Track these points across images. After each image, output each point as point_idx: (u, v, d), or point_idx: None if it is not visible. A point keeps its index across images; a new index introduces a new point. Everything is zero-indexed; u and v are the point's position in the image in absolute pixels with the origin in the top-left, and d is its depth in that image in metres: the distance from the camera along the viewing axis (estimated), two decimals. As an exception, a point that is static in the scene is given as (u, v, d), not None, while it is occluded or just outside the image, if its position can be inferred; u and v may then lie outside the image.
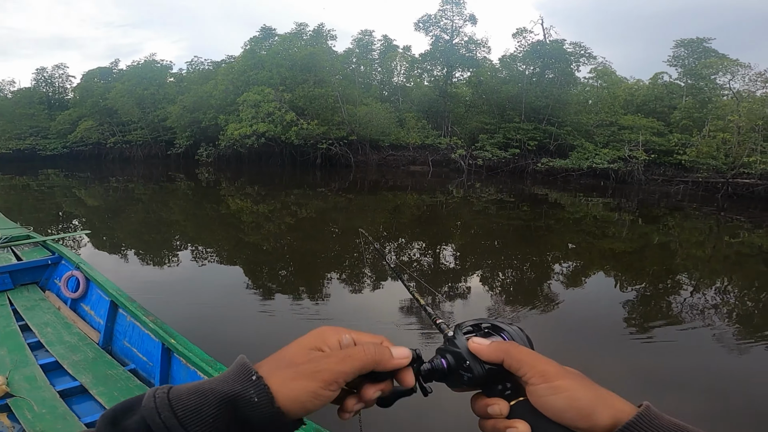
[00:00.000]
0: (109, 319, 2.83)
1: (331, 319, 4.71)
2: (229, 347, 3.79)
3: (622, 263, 7.69)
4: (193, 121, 24.42)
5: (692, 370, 3.81)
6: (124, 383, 2.31)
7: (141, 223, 9.86)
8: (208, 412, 0.37)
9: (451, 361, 0.45)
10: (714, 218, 12.66)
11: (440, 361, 0.46)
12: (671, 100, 21.94)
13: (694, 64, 20.69)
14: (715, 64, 19.46)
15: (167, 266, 6.48)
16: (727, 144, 16.66)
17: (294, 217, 10.78)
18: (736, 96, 18.38)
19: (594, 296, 5.87)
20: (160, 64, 28.45)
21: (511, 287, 6.19)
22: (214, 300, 5.14)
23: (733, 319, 5.10)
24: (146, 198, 14.28)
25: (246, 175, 20.24)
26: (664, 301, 5.73)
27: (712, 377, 3.73)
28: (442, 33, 23.73)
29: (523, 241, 9.21)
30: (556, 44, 21.46)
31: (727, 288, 6.61)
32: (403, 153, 23.10)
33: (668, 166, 19.07)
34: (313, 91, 21.29)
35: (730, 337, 4.55)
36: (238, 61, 25.04)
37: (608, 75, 24.24)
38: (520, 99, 21.55)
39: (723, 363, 4.01)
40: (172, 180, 19.17)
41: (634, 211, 13.33)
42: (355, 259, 7.28)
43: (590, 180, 19.43)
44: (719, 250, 9.18)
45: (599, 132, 21.00)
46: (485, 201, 14.37)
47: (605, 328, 4.74)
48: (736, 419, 3.13)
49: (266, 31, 25.30)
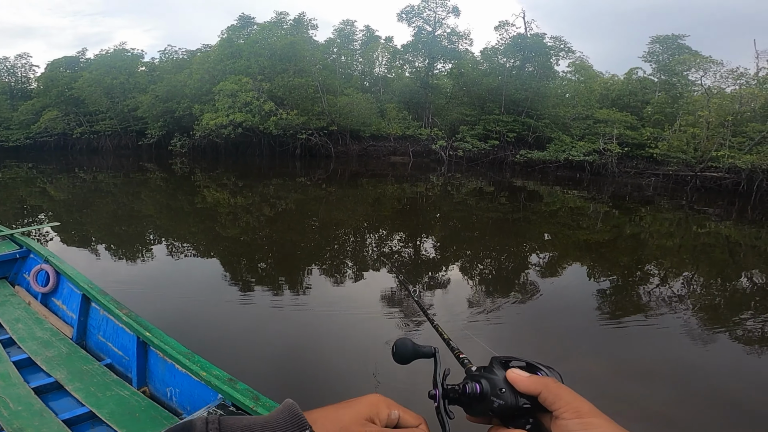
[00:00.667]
0: (81, 314, 2.77)
1: (310, 310, 4.71)
2: (207, 340, 3.75)
3: (596, 254, 7.98)
4: (166, 111, 23.61)
5: (658, 358, 4.01)
6: (101, 378, 2.28)
7: (111, 216, 9.53)
8: None
9: (486, 386, 0.47)
10: (683, 211, 13.26)
11: (474, 385, 0.47)
12: (644, 95, 22.68)
13: (668, 60, 21.38)
14: (687, 61, 20.17)
15: (140, 260, 6.31)
16: (696, 138, 17.39)
17: (273, 208, 10.65)
18: (706, 92, 19.14)
19: (569, 286, 6.08)
20: (130, 53, 27.30)
21: (491, 278, 6.34)
22: (190, 293, 5.05)
23: (699, 308, 5.39)
24: (116, 190, 13.78)
25: (222, 165, 19.78)
26: (634, 290, 5.99)
27: (678, 364, 3.94)
28: (425, 24, 23.70)
29: (501, 232, 9.42)
30: (536, 38, 21.76)
31: (694, 277, 6.96)
32: (384, 144, 23.06)
33: (640, 159, 19.78)
34: (293, 80, 20.91)
35: (696, 326, 4.81)
36: (215, 50, 24.31)
37: (585, 69, 24.81)
38: (500, 91, 21.81)
39: (688, 350, 4.24)
40: (143, 171, 18.55)
41: (608, 203, 13.81)
42: (335, 251, 7.28)
43: (567, 172, 19.98)
44: (687, 240, 9.64)
45: (576, 125, 21.54)
46: (465, 192, 14.57)
47: (579, 316, 4.93)
48: (698, 405, 3.33)
49: (245, 19, 24.60)
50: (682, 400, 3.33)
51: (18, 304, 3.11)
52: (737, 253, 8.63)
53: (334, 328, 4.31)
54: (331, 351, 3.83)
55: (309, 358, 3.70)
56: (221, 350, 3.60)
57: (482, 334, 4.23)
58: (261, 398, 1.84)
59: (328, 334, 4.18)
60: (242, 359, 3.53)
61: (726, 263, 7.79)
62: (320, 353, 3.79)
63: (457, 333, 4.03)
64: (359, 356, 3.72)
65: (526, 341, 4.24)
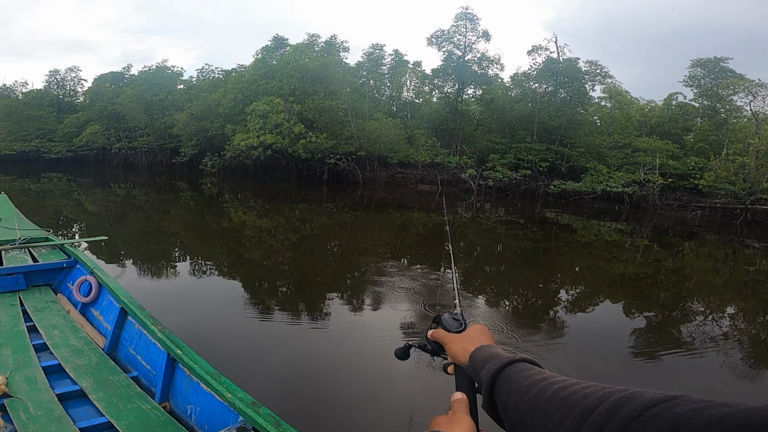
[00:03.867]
0: (117, 326, 2.89)
1: (329, 329, 4.66)
2: (228, 357, 3.76)
3: (634, 289, 7.58)
4: (200, 130, 24.82)
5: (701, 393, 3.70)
6: (125, 390, 2.34)
7: (141, 232, 9.94)
8: None
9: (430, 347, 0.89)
10: (731, 246, 12.50)
11: (428, 347, 0.89)
12: (685, 122, 22.04)
13: (710, 84, 20.77)
14: (734, 85, 19.49)
15: (164, 276, 6.49)
16: (745, 168, 16.60)
17: (298, 233, 10.81)
18: (756, 118, 18.36)
19: (604, 322, 5.77)
20: (171, 70, 29.10)
21: (520, 310, 6.11)
22: (212, 311, 5.11)
23: (744, 347, 4.99)
24: (148, 206, 14.43)
25: (250, 187, 20.40)
26: (673, 326, 5.62)
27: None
28: (455, 49, 24.21)
29: (529, 265, 9.14)
30: (569, 62, 21.75)
31: (739, 315, 6.47)
32: (411, 171, 23.21)
33: (684, 191, 19.01)
34: (323, 102, 21.59)
35: (740, 363, 4.44)
36: (249, 69, 25.55)
37: (621, 95, 24.46)
38: (532, 118, 21.74)
39: (732, 389, 3.91)
40: (174, 189, 19.39)
41: (650, 237, 13.22)
42: (357, 277, 7.26)
43: (603, 204, 19.36)
44: (735, 276, 9.03)
45: (612, 154, 21.06)
46: (494, 222, 14.33)
47: (613, 353, 4.65)
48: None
49: (278, 40, 25.89)
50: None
51: (57, 312, 3.26)
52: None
53: (355, 350, 4.26)
54: (352, 375, 3.76)
55: (330, 383, 3.64)
56: (241, 369, 3.60)
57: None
58: (282, 425, 1.83)
59: (350, 358, 4.13)
60: (261, 380, 3.51)
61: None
62: (342, 378, 3.73)
63: None
64: (381, 382, 3.62)
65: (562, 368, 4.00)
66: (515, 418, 0.57)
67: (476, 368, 0.69)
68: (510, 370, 0.62)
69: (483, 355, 0.70)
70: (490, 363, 0.66)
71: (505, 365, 0.63)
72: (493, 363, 0.65)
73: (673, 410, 0.40)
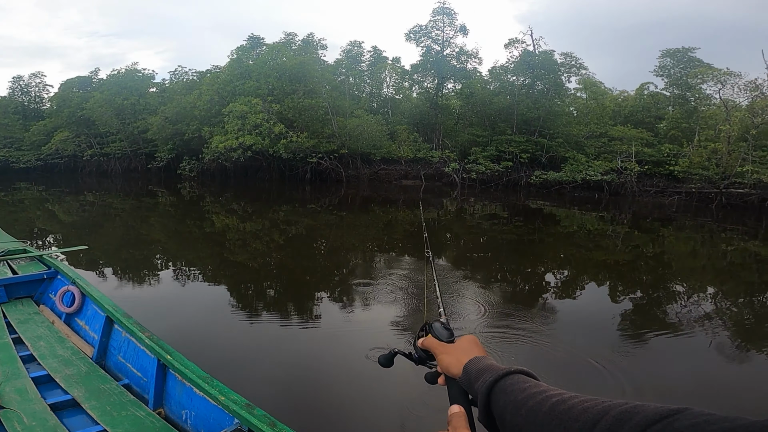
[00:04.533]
0: (104, 334, 2.88)
1: (320, 329, 4.68)
2: (219, 364, 3.73)
3: (618, 275, 7.83)
4: (176, 133, 24.29)
5: (682, 378, 3.88)
6: (117, 398, 2.34)
7: (120, 240, 9.70)
8: None
9: (417, 356, 0.90)
10: (707, 230, 13.01)
11: (415, 355, 0.90)
12: (658, 111, 22.75)
13: (680, 74, 21.49)
14: (702, 74, 20.21)
15: (148, 284, 6.36)
16: (717, 154, 17.26)
17: (283, 235, 10.73)
18: (725, 105, 19.10)
19: (592, 308, 5.95)
20: (142, 73, 28.36)
21: (509, 298, 6.23)
22: (199, 316, 5.06)
23: (727, 328, 5.22)
24: (125, 214, 14.07)
25: (231, 190, 20.10)
26: (658, 309, 5.84)
27: (704, 385, 3.81)
28: (433, 44, 24.36)
29: (516, 254, 9.32)
30: (545, 55, 22.15)
31: (720, 296, 6.77)
32: (394, 167, 23.29)
33: (660, 177, 19.63)
34: (302, 101, 21.43)
35: (724, 345, 4.65)
36: (224, 70, 25.14)
37: (595, 86, 25.08)
38: (511, 111, 22.08)
39: (715, 371, 4.09)
40: (152, 195, 18.94)
41: (629, 224, 13.64)
42: (345, 276, 7.27)
43: (584, 192, 19.85)
44: (713, 260, 9.42)
45: (590, 143, 21.59)
46: (479, 217, 14.54)
47: (602, 338, 4.80)
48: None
49: (254, 40, 25.52)
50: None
51: (41, 323, 3.24)
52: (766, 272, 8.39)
53: (344, 349, 4.29)
54: (345, 373, 3.79)
55: (321, 380, 3.66)
56: (233, 372, 3.58)
57: (505, 350, 4.15)
58: (278, 425, 1.85)
59: (340, 355, 4.15)
60: (254, 382, 3.50)
61: (755, 283, 7.56)
62: (335, 376, 3.75)
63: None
64: (374, 379, 3.66)
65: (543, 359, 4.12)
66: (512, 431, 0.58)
67: (470, 380, 0.69)
68: (505, 382, 0.63)
69: (477, 367, 0.70)
70: (485, 375, 0.66)
71: (500, 377, 0.63)
72: (488, 375, 0.65)
73: (674, 425, 0.40)
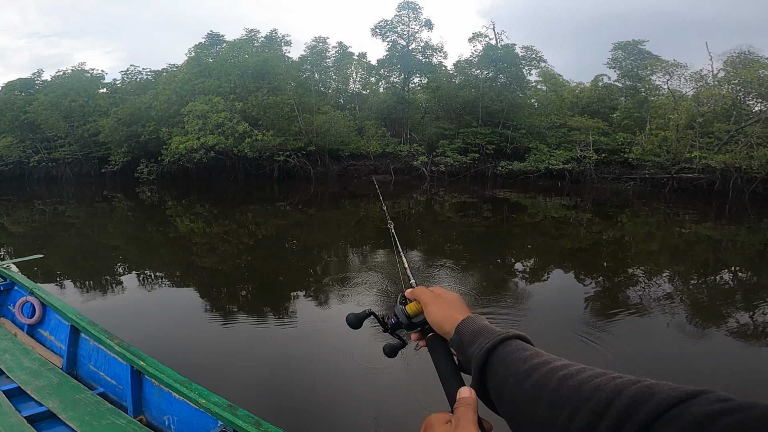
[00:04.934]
0: (71, 344, 2.80)
1: (298, 330, 4.65)
2: (197, 368, 3.64)
3: (580, 260, 8.24)
4: (131, 135, 23.11)
5: (644, 355, 4.16)
6: (95, 407, 2.27)
7: (76, 250, 9.17)
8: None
9: (396, 319, 0.76)
10: (661, 213, 13.89)
11: (391, 320, 0.77)
12: (612, 101, 23.97)
13: (631, 65, 22.72)
14: (651, 65, 21.49)
15: (111, 293, 6.08)
16: (667, 141, 18.42)
17: (252, 236, 10.50)
18: (673, 95, 20.39)
19: (555, 291, 6.25)
20: (90, 73, 26.72)
21: (478, 287, 6.43)
22: (170, 322, 4.91)
23: (683, 305, 5.63)
24: (80, 222, 13.29)
25: (195, 192, 19.40)
26: (619, 292, 6.22)
27: (665, 358, 4.09)
28: (399, 38, 24.49)
29: (486, 244, 9.60)
30: (507, 49, 22.80)
31: (677, 277, 7.28)
32: (364, 162, 23.27)
33: (616, 165, 20.72)
34: (267, 99, 20.94)
35: (682, 321, 5.01)
36: (182, 69, 24.14)
37: (554, 78, 26.06)
38: (476, 104, 22.58)
39: (674, 344, 4.41)
40: (108, 201, 17.99)
41: (590, 210, 14.34)
42: (319, 274, 7.24)
43: (547, 181, 20.68)
44: (668, 241, 10.10)
45: (551, 134, 22.46)
46: (449, 207, 14.82)
47: (565, 317, 5.06)
48: None
49: (213, 37, 24.66)
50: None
51: (4, 336, 3.11)
52: (718, 251, 9.09)
53: (323, 345, 4.30)
54: (325, 369, 3.80)
55: (302, 378, 3.66)
56: (212, 375, 3.50)
57: None
58: (263, 424, 1.86)
59: (319, 351, 4.16)
60: (235, 383, 3.45)
61: (707, 262, 8.19)
62: (313, 372, 3.76)
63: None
64: (348, 371, 3.70)
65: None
66: (513, 407, 0.51)
67: (463, 343, 0.61)
68: (504, 349, 0.56)
69: (471, 329, 0.61)
70: (481, 339, 0.58)
71: (498, 342, 0.56)
72: (485, 339, 0.58)
73: (691, 411, 0.38)
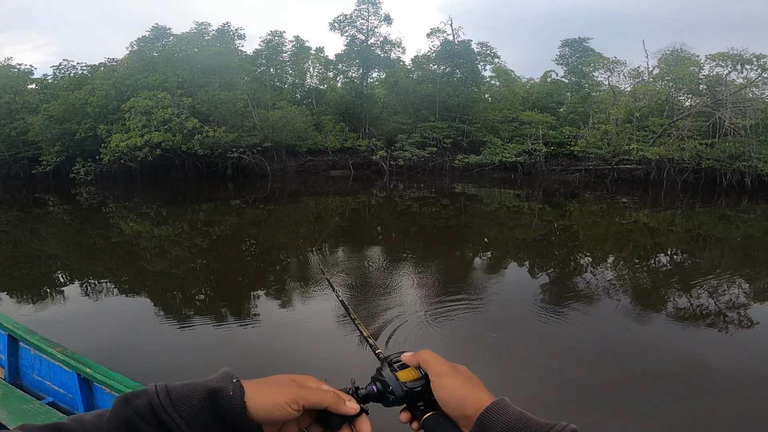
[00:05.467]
0: (10, 354, 2.66)
1: (260, 326, 4.56)
2: (154, 373, 3.46)
3: (535, 249, 8.69)
4: (64, 133, 21.30)
5: (594, 337, 4.48)
6: (45, 416, 2.17)
7: (7, 259, 8.35)
8: (195, 397, 0.50)
9: (379, 386, 0.60)
10: (604, 202, 14.91)
11: (372, 387, 0.61)
12: (558, 97, 25.33)
13: (576, 62, 24.10)
14: (594, 62, 22.92)
15: (54, 304, 5.62)
16: (608, 135, 19.76)
17: (206, 237, 10.07)
18: (613, 91, 21.87)
19: (512, 281, 6.56)
20: (17, 69, 24.40)
21: (432, 282, 6.59)
22: (127, 331, 4.63)
23: (629, 291, 6.09)
24: (9, 227, 12.11)
25: (140, 193, 18.27)
26: (569, 279, 6.64)
27: (610, 342, 4.42)
28: (358, 33, 24.34)
29: (442, 238, 9.86)
30: (464, 45, 23.39)
31: (621, 262, 7.87)
32: (322, 158, 22.99)
33: (563, 157, 21.98)
34: (218, 94, 20.04)
35: (626, 305, 5.42)
36: (122, 63, 22.56)
37: (506, 74, 27.08)
38: (433, 98, 22.99)
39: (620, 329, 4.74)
40: (41, 204, 16.50)
41: (541, 200, 15.12)
42: (281, 274, 7.11)
43: (501, 173, 21.55)
44: (612, 228, 10.87)
45: (504, 128, 23.37)
46: (408, 200, 15.02)
47: (521, 306, 5.32)
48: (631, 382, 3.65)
49: (159, 30, 23.21)
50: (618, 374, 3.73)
51: None
52: (656, 236, 9.92)
53: (285, 344, 4.25)
54: (276, 370, 3.75)
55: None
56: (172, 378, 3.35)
57: (425, 332, 4.39)
58: None
59: (280, 349, 4.11)
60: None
61: (646, 247, 8.92)
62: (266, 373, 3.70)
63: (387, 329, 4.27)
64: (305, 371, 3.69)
65: (473, 334, 4.49)
66: None
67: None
68: None
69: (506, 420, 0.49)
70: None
71: None
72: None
73: None
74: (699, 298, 5.66)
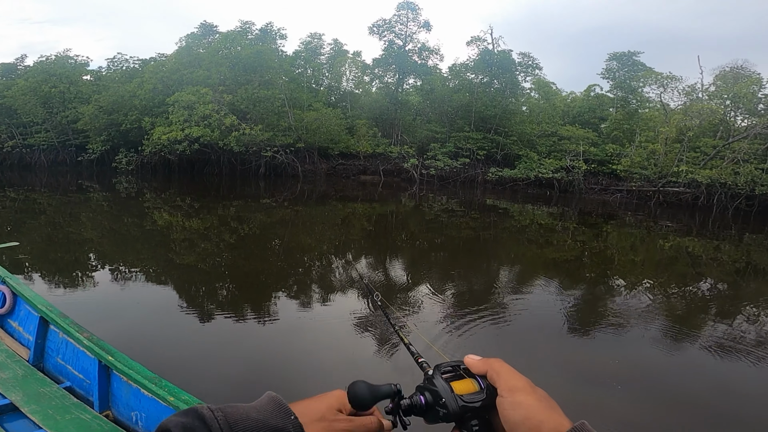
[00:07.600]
0: (39, 336, 2.75)
1: (277, 325, 4.61)
2: (171, 364, 3.58)
3: (565, 270, 8.37)
4: (111, 124, 22.63)
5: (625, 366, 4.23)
6: (59, 401, 2.23)
7: (46, 240, 8.91)
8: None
9: (429, 398, 0.52)
10: (645, 226, 14.21)
11: (419, 397, 0.52)
12: (602, 112, 24.47)
13: (624, 76, 23.20)
14: (645, 77, 21.94)
15: (85, 286, 5.93)
16: (655, 154, 18.86)
17: (234, 233, 10.37)
18: (665, 108, 20.88)
19: (540, 299, 6.33)
20: (74, 60, 26.13)
21: (463, 294, 6.48)
22: (148, 319, 4.81)
23: (664, 318, 5.75)
24: (52, 210, 12.94)
25: (176, 185, 19.09)
26: (601, 303, 6.33)
27: (645, 369, 4.17)
28: (396, 38, 24.56)
29: (472, 251, 9.68)
30: (504, 54, 23.09)
31: (657, 289, 7.45)
32: (353, 162, 23.21)
33: (604, 176, 21.14)
34: (258, 92, 20.72)
35: (660, 334, 5.10)
36: (171, 58, 23.76)
37: (547, 86, 26.48)
38: (469, 108, 22.77)
39: (654, 356, 4.49)
40: (83, 190, 17.54)
41: (578, 220, 14.59)
42: (300, 275, 7.19)
43: (536, 189, 20.97)
44: (652, 254, 10.33)
45: (541, 142, 22.79)
46: (437, 210, 14.88)
47: (549, 326, 5.13)
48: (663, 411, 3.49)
49: (206, 27, 24.34)
50: (648, 404, 3.52)
51: None
52: (698, 266, 9.34)
53: (303, 344, 4.28)
54: (298, 367, 3.78)
55: (281, 374, 3.62)
56: (186, 372, 3.44)
57: (453, 345, 4.31)
58: None
59: (298, 350, 4.14)
60: (209, 381, 3.40)
61: (687, 275, 8.40)
62: (288, 370, 3.73)
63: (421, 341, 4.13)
64: (328, 371, 3.68)
65: (497, 352, 4.35)
66: None
67: None
68: None
69: None
70: None
71: None
72: None
73: None
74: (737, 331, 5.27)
